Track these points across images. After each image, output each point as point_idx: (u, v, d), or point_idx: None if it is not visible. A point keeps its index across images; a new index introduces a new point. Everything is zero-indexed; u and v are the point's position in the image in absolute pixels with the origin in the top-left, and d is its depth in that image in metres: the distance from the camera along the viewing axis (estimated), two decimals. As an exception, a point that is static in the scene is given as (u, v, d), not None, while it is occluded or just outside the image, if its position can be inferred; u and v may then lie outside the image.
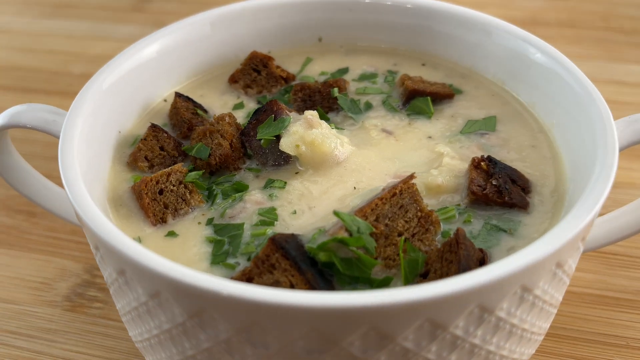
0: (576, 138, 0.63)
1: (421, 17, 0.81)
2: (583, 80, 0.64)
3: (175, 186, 0.62)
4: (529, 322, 0.54)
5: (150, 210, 0.61)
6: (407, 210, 0.56)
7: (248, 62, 0.79)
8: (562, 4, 1.53)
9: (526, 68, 0.72)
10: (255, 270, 0.53)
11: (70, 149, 0.59)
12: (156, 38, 0.77)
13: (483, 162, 0.62)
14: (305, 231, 0.58)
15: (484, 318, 0.48)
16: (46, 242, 0.93)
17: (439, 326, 0.46)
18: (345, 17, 0.84)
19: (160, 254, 0.56)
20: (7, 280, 0.87)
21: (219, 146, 0.66)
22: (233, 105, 0.77)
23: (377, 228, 0.55)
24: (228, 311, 0.46)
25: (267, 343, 0.47)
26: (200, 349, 0.50)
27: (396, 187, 0.57)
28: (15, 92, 1.30)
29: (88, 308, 0.82)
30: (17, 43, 1.45)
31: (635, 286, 0.82)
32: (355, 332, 0.45)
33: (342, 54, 0.86)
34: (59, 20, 1.54)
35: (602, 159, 0.56)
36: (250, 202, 0.62)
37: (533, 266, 0.48)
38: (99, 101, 0.67)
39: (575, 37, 1.39)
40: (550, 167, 0.65)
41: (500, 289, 0.47)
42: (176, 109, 0.73)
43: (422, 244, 0.56)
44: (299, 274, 0.52)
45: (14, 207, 0.99)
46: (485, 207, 0.61)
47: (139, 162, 0.67)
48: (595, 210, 0.52)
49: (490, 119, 0.72)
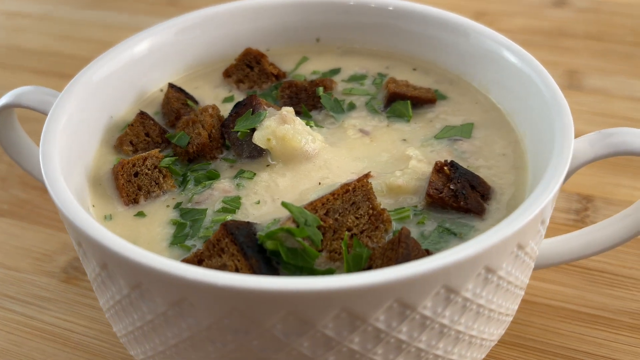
0: (541, 148, 0.63)
1: (415, 22, 0.82)
2: (554, 92, 0.64)
3: (150, 170, 0.66)
4: (496, 302, 0.56)
5: (124, 191, 0.65)
6: (358, 207, 0.58)
7: (242, 58, 0.83)
8: (593, 16, 1.49)
9: (507, 76, 0.73)
10: (205, 253, 0.56)
11: (52, 138, 0.62)
12: (157, 30, 0.81)
13: (445, 167, 0.63)
14: (263, 220, 0.61)
15: (450, 299, 0.50)
16: (54, 218, 0.99)
17: (408, 307, 0.48)
18: (343, 19, 0.87)
19: (127, 232, 0.61)
20: (13, 250, 0.94)
21: (198, 135, 0.70)
22: (223, 98, 0.80)
23: (326, 222, 0.57)
24: (207, 299, 0.48)
25: (246, 329, 0.49)
26: (182, 337, 0.52)
27: (349, 184, 0.59)
28: (50, 76, 1.38)
29: (81, 281, 0.88)
30: (57, 30, 1.54)
31: (616, 305, 0.81)
32: (328, 315, 0.47)
33: (338, 55, 0.88)
34: (97, 11, 1.63)
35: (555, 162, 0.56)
36: (218, 190, 0.65)
37: (495, 247, 0.49)
38: (92, 87, 0.71)
39: (601, 51, 1.36)
40: (515, 176, 0.66)
41: (464, 270, 0.49)
42: (168, 99, 0.77)
43: (370, 240, 0.58)
44: (244, 260, 0.54)
45: (30, 183, 1.06)
46: (441, 211, 0.62)
47: (124, 146, 0.71)
48: (553, 192, 0.53)
49: (467, 125, 0.72)
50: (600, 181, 1.00)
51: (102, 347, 0.78)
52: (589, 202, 0.97)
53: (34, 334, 0.81)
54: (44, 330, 0.81)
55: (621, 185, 0.99)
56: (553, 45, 1.38)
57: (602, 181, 1.00)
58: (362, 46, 0.88)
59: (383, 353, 0.51)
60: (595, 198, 0.97)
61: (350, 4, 0.86)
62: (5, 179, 1.07)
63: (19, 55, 1.45)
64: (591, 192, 0.98)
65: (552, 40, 1.41)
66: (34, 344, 0.80)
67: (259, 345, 0.50)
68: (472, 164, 0.68)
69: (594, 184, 0.99)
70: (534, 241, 0.56)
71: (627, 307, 0.80)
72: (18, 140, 0.80)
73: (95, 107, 0.73)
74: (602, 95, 1.22)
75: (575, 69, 1.30)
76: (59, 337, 0.80)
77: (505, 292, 0.57)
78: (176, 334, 0.52)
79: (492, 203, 0.63)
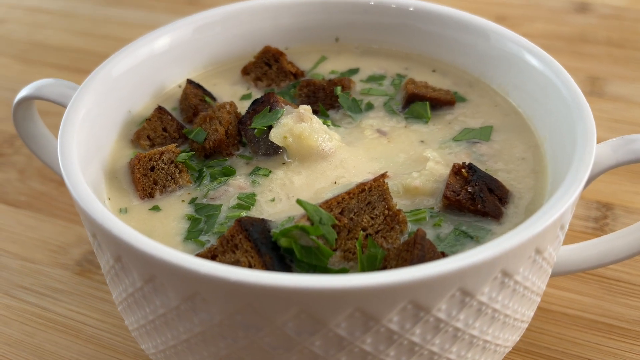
0: (561, 153, 0.62)
1: (435, 23, 0.81)
2: (577, 95, 0.63)
3: (166, 165, 0.66)
4: (511, 307, 0.55)
5: (139, 185, 0.65)
6: (374, 207, 0.58)
7: (261, 56, 0.83)
8: (616, 22, 1.47)
9: (528, 79, 0.72)
10: (219, 249, 0.56)
11: (70, 131, 0.62)
12: (177, 27, 0.81)
13: (463, 169, 0.62)
14: (278, 218, 0.61)
15: (465, 302, 0.49)
16: (70, 210, 1.00)
17: (422, 308, 0.48)
18: (363, 19, 0.86)
19: (141, 226, 0.61)
20: (30, 241, 0.94)
21: (215, 132, 0.70)
22: (241, 96, 0.80)
23: (341, 221, 0.56)
24: (220, 294, 0.48)
25: (258, 325, 0.48)
26: (194, 332, 0.52)
27: (365, 184, 0.58)
28: (69, 71, 1.39)
29: (94, 274, 0.88)
30: (78, 26, 1.55)
31: (634, 315, 0.79)
32: (341, 314, 0.46)
33: (357, 55, 0.87)
34: (118, 8, 1.64)
35: (576, 166, 0.55)
36: (234, 186, 0.65)
37: (512, 251, 0.48)
38: (110, 81, 0.72)
39: (623, 58, 1.34)
40: (534, 180, 0.65)
41: (481, 273, 0.48)
42: (186, 95, 0.77)
43: (385, 241, 0.57)
44: (258, 256, 0.54)
45: (48, 175, 1.07)
46: (458, 213, 0.61)
47: (141, 140, 0.72)
48: (573, 197, 0.52)
49: (487, 128, 0.72)
50: (620, 189, 0.98)
51: (113, 341, 0.79)
52: (609, 210, 0.95)
53: (47, 326, 0.81)
54: (57, 322, 0.82)
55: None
56: (574, 51, 1.37)
57: (621, 189, 0.98)
58: (382, 46, 0.87)
59: (395, 355, 0.51)
60: (615, 206, 0.95)
61: (370, 4, 0.86)
62: (23, 170, 1.08)
63: (39, 50, 1.47)
64: (611, 200, 0.97)
65: (573, 45, 1.39)
66: (47, 335, 0.80)
67: (270, 343, 0.49)
68: (490, 167, 0.67)
69: (613, 192, 0.98)
70: (552, 246, 0.55)
71: (646, 317, 0.79)
72: (37, 133, 0.80)
73: (114, 101, 0.73)
74: (623, 102, 1.20)
75: (596, 75, 1.28)
76: (71, 329, 0.81)
77: (522, 298, 0.56)
78: (188, 328, 0.52)
79: (510, 207, 0.62)
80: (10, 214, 0.99)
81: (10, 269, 0.90)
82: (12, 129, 1.18)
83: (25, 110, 0.77)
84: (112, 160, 0.70)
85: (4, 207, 1.01)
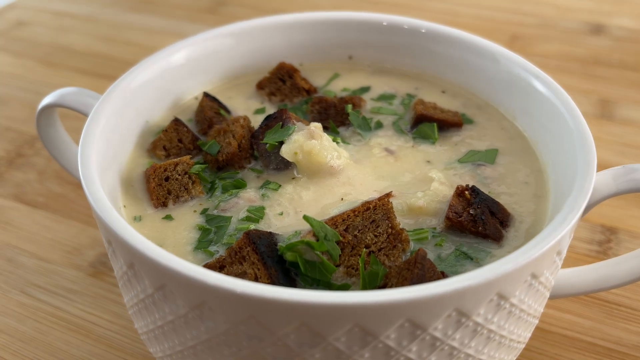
0: (563, 179, 0.64)
1: (446, 45, 0.83)
2: (580, 124, 0.65)
3: (180, 175, 0.69)
4: (507, 329, 0.57)
5: (154, 194, 0.68)
6: (378, 225, 0.60)
7: (275, 72, 0.85)
8: (631, 45, 1.48)
9: (534, 105, 0.73)
10: (227, 260, 0.58)
11: (91, 140, 0.65)
12: (194, 41, 0.84)
13: (467, 191, 0.64)
14: (285, 232, 0.63)
15: (461, 322, 0.51)
16: (86, 213, 1.03)
17: (419, 327, 0.49)
18: (376, 38, 0.89)
19: (154, 234, 0.63)
20: (46, 241, 0.98)
21: (228, 145, 0.72)
22: (255, 110, 0.83)
23: (345, 237, 0.58)
24: (225, 305, 0.50)
25: (260, 336, 0.50)
26: (200, 339, 0.54)
27: (370, 202, 0.60)
28: (91, 76, 1.43)
29: (107, 276, 0.91)
30: (101, 32, 1.60)
31: (633, 340, 0.80)
32: (341, 329, 0.48)
33: (369, 73, 0.90)
34: (140, 15, 1.68)
35: (575, 195, 0.57)
36: (244, 199, 0.67)
37: (509, 275, 0.50)
38: (129, 93, 0.75)
39: (636, 81, 1.35)
40: (536, 205, 0.66)
41: (477, 295, 0.50)
42: (202, 107, 0.80)
43: (387, 259, 0.59)
44: (264, 269, 0.56)
45: (66, 178, 1.10)
46: (459, 234, 0.63)
47: (157, 151, 0.74)
48: (570, 225, 0.54)
49: (492, 151, 0.73)
50: (626, 214, 0.99)
51: (123, 342, 0.81)
52: (613, 234, 0.96)
53: (60, 324, 0.84)
54: (69, 322, 0.84)
55: (647, 219, 0.98)
56: (587, 73, 1.38)
57: (627, 214, 0.99)
58: (393, 66, 0.90)
59: (392, 370, 0.53)
60: (619, 230, 0.97)
61: (383, 24, 0.88)
62: (42, 172, 1.12)
63: (63, 54, 1.51)
64: (616, 224, 0.98)
65: (586, 67, 1.40)
66: (59, 334, 0.83)
67: (272, 353, 0.51)
68: (494, 190, 0.69)
69: (619, 216, 0.99)
70: (549, 271, 0.57)
71: (644, 343, 0.80)
72: (58, 138, 0.84)
73: (132, 112, 0.76)
74: (634, 126, 1.21)
75: (608, 98, 1.29)
76: (82, 329, 0.83)
77: (518, 320, 0.57)
78: (194, 335, 0.54)
79: (510, 230, 0.64)
80: (27, 213, 1.03)
81: (25, 268, 0.93)
82: (33, 130, 1.22)
83: (48, 116, 0.80)
84: (129, 168, 0.73)
85: (22, 206, 1.04)
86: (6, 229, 1.00)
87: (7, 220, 1.01)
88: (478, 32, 1.57)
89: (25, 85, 1.39)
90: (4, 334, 0.83)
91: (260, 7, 1.71)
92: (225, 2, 1.75)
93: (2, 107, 1.31)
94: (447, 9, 1.68)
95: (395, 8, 1.65)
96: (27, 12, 1.71)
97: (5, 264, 0.93)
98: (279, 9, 1.68)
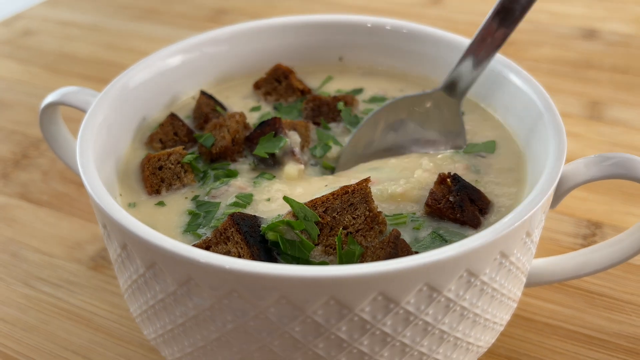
0: (538, 167, 0.67)
1: (426, 44, 0.87)
2: (553, 112, 0.68)
3: (173, 165, 0.72)
4: (480, 307, 0.59)
5: (148, 182, 0.71)
6: (356, 208, 0.63)
7: (272, 73, 0.89)
8: (622, 50, 1.51)
9: (512, 97, 0.77)
10: (213, 240, 0.62)
11: (89, 133, 0.69)
12: (190, 44, 0.88)
13: (448, 179, 0.67)
14: (270, 216, 0.66)
15: (433, 297, 0.54)
16: (87, 210, 1.06)
17: (392, 301, 0.52)
18: (363, 40, 0.92)
19: (147, 218, 0.67)
20: (49, 237, 1.01)
21: (222, 139, 0.76)
22: (251, 107, 0.87)
23: (324, 219, 0.62)
24: (210, 280, 0.53)
25: (243, 310, 0.53)
26: (188, 316, 0.58)
27: (349, 187, 0.64)
28: (96, 82, 1.47)
29: (106, 269, 0.94)
30: (105, 40, 1.65)
31: (613, 328, 0.83)
32: (317, 302, 0.51)
33: (360, 75, 0.93)
34: (144, 24, 1.73)
35: (544, 179, 0.60)
36: (234, 187, 0.71)
37: (476, 251, 0.53)
38: (127, 91, 0.79)
39: (625, 84, 1.38)
40: (517, 191, 0.69)
41: (446, 270, 0.53)
42: (199, 104, 0.84)
43: (364, 239, 0.62)
44: (247, 247, 0.60)
45: (69, 177, 1.14)
46: (439, 220, 0.66)
47: (154, 143, 0.78)
48: (537, 206, 0.57)
49: (490, 142, 0.76)
50: (611, 209, 1.02)
51: (121, 330, 0.85)
52: (598, 228, 0.99)
53: (61, 314, 0.88)
54: (70, 312, 0.88)
55: (631, 213, 1.00)
56: (579, 77, 1.41)
57: (612, 209, 1.02)
58: (382, 68, 0.93)
59: (369, 344, 0.55)
60: (604, 225, 0.99)
61: (367, 26, 0.91)
62: (47, 172, 1.16)
63: (68, 61, 1.56)
64: (601, 219, 1.00)
65: (578, 71, 1.43)
66: (60, 323, 0.86)
67: (255, 327, 0.55)
68: (481, 179, 0.71)
69: (604, 211, 1.01)
70: (520, 252, 0.60)
71: (625, 330, 0.82)
72: (60, 136, 0.87)
73: (130, 109, 0.80)
74: (622, 126, 1.24)
75: (598, 100, 1.32)
76: (83, 319, 0.87)
77: (491, 299, 0.60)
78: (183, 312, 0.58)
79: (490, 217, 0.66)
80: (32, 211, 1.07)
81: (29, 262, 0.96)
82: (38, 133, 1.27)
83: (50, 114, 0.84)
84: (126, 160, 0.77)
85: (26, 204, 1.08)
86: (11, 225, 1.04)
87: (13, 217, 1.05)
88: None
89: (30, 91, 1.44)
90: (7, 324, 0.87)
91: (260, 15, 1.75)
92: (226, 11, 1.79)
93: (9, 112, 1.36)
94: (443, 16, 1.72)
95: (393, 15, 1.69)
96: (34, 22, 1.76)
97: (10, 258, 0.97)
98: (277, 17, 1.72)
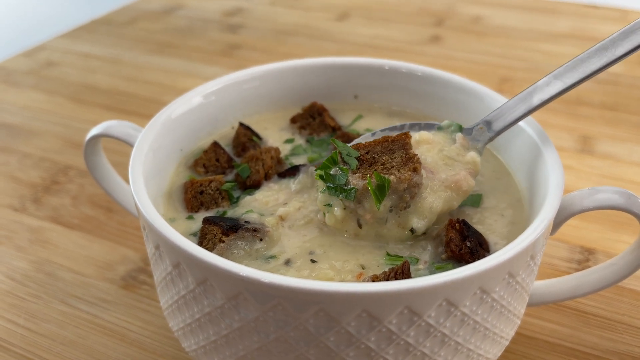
0: (538, 201, 0.75)
1: (437, 86, 0.96)
2: (553, 154, 0.77)
3: (212, 191, 0.81)
4: (490, 322, 0.67)
5: (189, 204, 0.80)
6: (394, 152, 0.74)
7: (308, 109, 0.98)
8: (612, 88, 1.62)
9: (513, 137, 0.86)
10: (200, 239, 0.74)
11: (139, 159, 0.78)
12: (222, 81, 0.97)
13: (458, 224, 0.73)
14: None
15: (451, 311, 0.62)
16: (116, 233, 1.14)
17: (415, 314, 0.60)
18: (378, 81, 1.01)
19: (181, 230, 0.76)
20: (82, 258, 1.08)
21: (257, 173, 0.84)
22: (285, 139, 0.95)
23: (364, 157, 0.73)
24: (257, 294, 0.60)
25: (285, 322, 0.60)
26: (233, 328, 0.64)
27: (389, 137, 0.75)
28: (115, 112, 1.56)
29: (138, 289, 1.02)
30: (124, 72, 1.74)
31: (606, 345, 0.91)
32: (351, 314, 0.59)
33: (386, 115, 1.02)
34: (160, 57, 1.83)
35: (545, 210, 0.68)
36: (259, 202, 0.81)
37: (488, 271, 0.61)
38: (169, 123, 0.87)
39: (614, 119, 1.48)
40: (510, 232, 0.77)
41: (462, 288, 0.61)
42: (237, 134, 0.93)
43: (397, 172, 0.71)
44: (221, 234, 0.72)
45: (97, 202, 1.22)
46: (458, 264, 0.72)
47: (198, 167, 0.87)
48: (540, 231, 0.65)
49: (477, 196, 0.82)
50: (603, 236, 1.10)
51: (154, 344, 0.91)
52: (591, 254, 1.07)
53: (97, 330, 0.94)
54: (105, 327, 0.95)
55: (621, 241, 1.09)
56: (570, 112, 1.51)
57: (604, 236, 1.10)
58: (403, 109, 1.02)
59: (394, 353, 0.63)
60: (596, 251, 1.08)
61: (385, 68, 1.01)
62: (76, 197, 1.23)
63: (89, 92, 1.65)
64: (593, 246, 1.09)
65: (569, 107, 1.54)
66: (97, 338, 0.93)
67: (294, 337, 0.62)
68: (477, 219, 0.79)
69: (596, 239, 1.10)
70: (524, 273, 0.68)
71: (616, 348, 0.90)
72: (101, 165, 0.96)
73: (173, 138, 0.88)
74: (612, 160, 1.34)
75: (589, 135, 1.42)
76: (117, 334, 0.94)
77: (500, 315, 0.68)
78: (228, 324, 0.65)
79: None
80: (64, 234, 1.14)
81: (64, 281, 1.03)
82: (66, 160, 1.35)
83: (93, 146, 0.92)
84: (172, 182, 0.86)
85: (59, 227, 1.15)
86: (45, 247, 1.11)
87: (46, 240, 1.13)
88: (470, 74, 1.72)
89: (56, 120, 1.52)
90: (47, 339, 0.93)
91: (271, 50, 1.86)
92: (239, 46, 1.90)
93: (37, 140, 1.44)
94: (442, 54, 1.83)
95: (395, 53, 1.80)
96: (56, 53, 1.86)
97: (46, 277, 1.04)
98: (289, 53, 1.82)
